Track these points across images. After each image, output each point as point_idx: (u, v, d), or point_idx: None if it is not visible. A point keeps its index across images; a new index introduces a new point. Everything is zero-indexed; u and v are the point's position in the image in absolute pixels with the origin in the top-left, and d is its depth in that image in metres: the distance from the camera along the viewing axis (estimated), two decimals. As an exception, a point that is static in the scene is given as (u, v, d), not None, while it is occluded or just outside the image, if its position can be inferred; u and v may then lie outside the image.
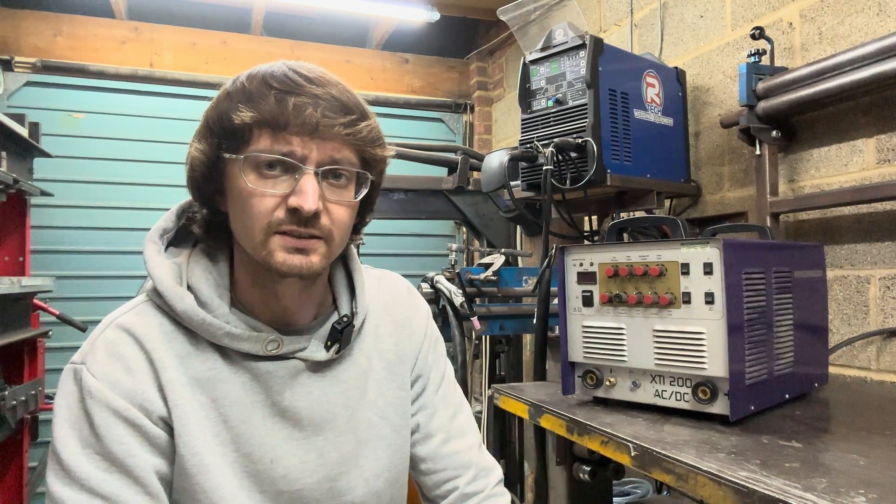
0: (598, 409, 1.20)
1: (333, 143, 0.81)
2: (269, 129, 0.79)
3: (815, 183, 1.82)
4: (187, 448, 0.80)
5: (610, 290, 1.19)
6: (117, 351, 0.80)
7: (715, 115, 2.18)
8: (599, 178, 1.75)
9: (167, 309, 0.84)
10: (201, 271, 0.87)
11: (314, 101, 0.79)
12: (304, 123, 0.78)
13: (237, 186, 0.82)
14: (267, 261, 0.81)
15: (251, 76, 0.82)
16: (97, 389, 0.77)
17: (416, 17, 3.56)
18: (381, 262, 3.90)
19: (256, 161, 0.80)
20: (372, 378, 0.95)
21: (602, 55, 1.80)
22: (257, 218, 0.80)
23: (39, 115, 3.22)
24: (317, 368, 0.89)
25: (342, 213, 0.85)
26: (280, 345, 0.85)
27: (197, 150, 0.84)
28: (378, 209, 0.98)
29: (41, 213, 3.33)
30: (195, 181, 0.86)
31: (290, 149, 0.79)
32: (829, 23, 1.80)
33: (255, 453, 0.84)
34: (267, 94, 0.78)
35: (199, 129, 0.84)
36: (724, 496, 0.80)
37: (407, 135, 3.90)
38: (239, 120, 0.78)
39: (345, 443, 0.90)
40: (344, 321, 0.90)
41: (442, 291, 1.99)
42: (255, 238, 0.81)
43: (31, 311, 2.85)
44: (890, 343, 1.62)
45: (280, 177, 0.80)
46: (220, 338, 0.82)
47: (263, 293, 0.88)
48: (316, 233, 0.82)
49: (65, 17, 3.52)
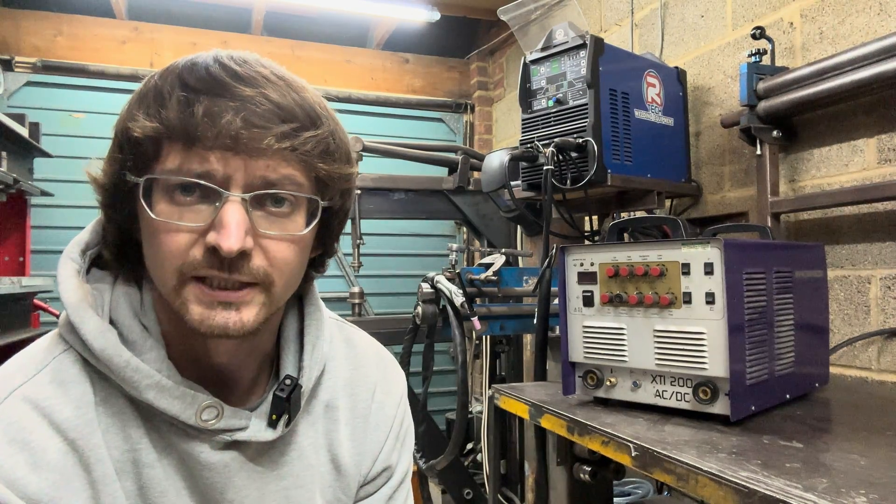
0: (599, 409, 1.20)
1: (267, 161, 0.62)
2: (181, 143, 0.60)
3: (816, 183, 1.82)
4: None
5: (610, 290, 1.18)
6: (22, 437, 0.59)
7: (715, 114, 2.18)
8: (600, 178, 1.75)
9: (81, 350, 0.64)
10: (129, 304, 0.68)
11: (239, 105, 0.60)
12: (219, 135, 0.59)
13: (144, 217, 0.63)
14: (182, 315, 0.63)
15: (166, 71, 0.63)
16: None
17: (417, 16, 3.56)
18: (381, 262, 3.94)
19: (165, 185, 0.61)
20: (316, 474, 0.77)
21: (603, 55, 1.80)
22: (168, 259, 0.61)
23: (39, 115, 3.22)
24: (257, 456, 0.70)
25: (285, 252, 0.65)
26: (220, 415, 0.66)
27: (101, 169, 0.66)
28: (378, 209, 0.92)
29: (41, 213, 3.33)
30: (104, 205, 0.68)
31: (206, 168, 0.60)
32: (829, 22, 1.79)
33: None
34: (171, 97, 0.60)
35: (112, 139, 0.66)
36: (725, 496, 0.80)
37: (407, 135, 3.91)
38: (139, 131, 0.60)
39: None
40: (287, 385, 0.71)
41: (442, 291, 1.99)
42: (168, 283, 0.63)
43: (31, 311, 2.85)
44: (891, 343, 1.61)
45: (196, 205, 0.61)
46: (143, 391, 0.63)
47: (190, 344, 0.68)
48: (245, 279, 0.62)
49: (65, 17, 3.52)
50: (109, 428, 0.64)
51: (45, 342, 0.68)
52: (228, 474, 0.68)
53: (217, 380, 0.70)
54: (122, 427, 0.65)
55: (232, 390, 0.72)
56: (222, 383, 0.71)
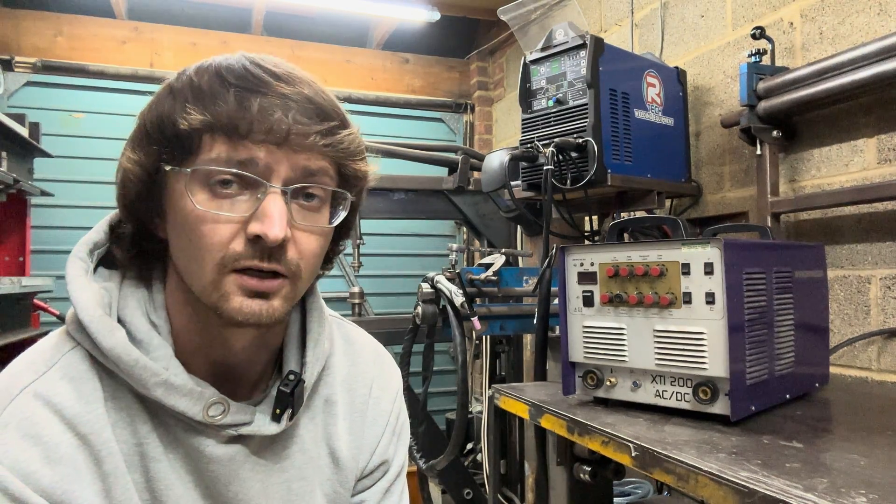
0: (599, 409, 1.20)
1: (306, 155, 0.65)
2: (225, 136, 0.63)
3: (816, 183, 1.82)
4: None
5: (610, 290, 1.18)
6: (35, 432, 0.61)
7: (716, 114, 2.18)
8: (600, 178, 1.75)
9: (90, 348, 0.65)
10: (137, 302, 0.69)
11: (284, 102, 0.63)
12: (271, 130, 0.62)
13: (182, 208, 0.65)
14: (219, 306, 0.65)
15: (201, 69, 0.65)
16: (5, 480, 0.59)
17: (417, 16, 3.56)
18: (381, 262, 3.94)
19: (208, 176, 0.63)
20: (316, 467, 0.79)
21: (603, 55, 1.80)
22: (209, 251, 0.63)
23: (39, 115, 3.22)
24: (260, 449, 0.73)
25: (313, 244, 0.68)
26: (226, 411, 0.68)
27: (130, 160, 0.67)
28: (378, 209, 0.93)
29: (41, 213, 3.33)
30: (127, 199, 0.69)
31: (252, 160, 0.63)
32: (829, 22, 1.79)
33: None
34: (224, 93, 0.63)
35: (134, 134, 0.68)
36: (725, 496, 0.80)
37: (407, 135, 3.90)
38: (186, 124, 0.62)
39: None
40: (290, 380, 0.73)
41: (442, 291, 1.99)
42: (206, 277, 0.64)
43: (31, 311, 2.85)
44: (891, 343, 1.61)
45: (237, 196, 0.64)
46: (152, 388, 0.64)
47: (206, 338, 0.70)
48: (280, 269, 0.65)
49: (65, 17, 3.52)
50: (118, 423, 0.66)
51: (52, 339, 0.69)
52: (233, 467, 0.70)
53: (225, 376, 0.72)
54: (130, 422, 0.66)
55: (238, 385, 0.74)
56: (230, 379, 0.73)
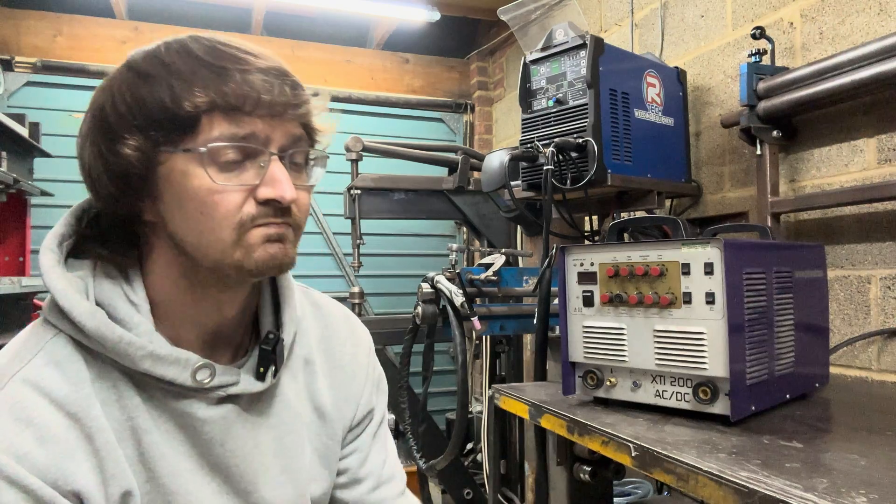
0: (599, 409, 1.20)
1: (292, 121, 0.72)
2: (222, 114, 0.67)
3: (816, 183, 1.82)
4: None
5: (610, 290, 1.18)
6: (26, 415, 0.63)
7: (716, 114, 2.18)
8: (600, 178, 1.75)
9: (72, 332, 0.68)
10: (112, 286, 0.72)
11: (270, 77, 0.68)
12: (272, 103, 0.68)
13: (190, 187, 0.68)
14: (244, 260, 0.69)
15: (178, 52, 0.68)
16: (0, 463, 0.61)
17: (417, 16, 3.56)
18: (381, 262, 3.94)
19: (217, 153, 0.67)
20: (302, 423, 0.84)
21: (603, 55, 1.80)
22: (226, 217, 0.68)
23: (39, 115, 3.22)
24: (249, 407, 0.77)
25: (306, 200, 0.75)
26: (213, 374, 0.72)
27: (131, 147, 0.67)
28: (378, 209, 0.95)
29: (41, 213, 3.33)
30: (110, 187, 0.70)
31: (253, 134, 0.68)
32: (829, 22, 1.79)
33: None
34: (225, 72, 0.66)
35: (115, 123, 0.68)
36: (725, 496, 0.80)
37: (407, 135, 3.90)
38: (191, 106, 0.65)
39: (279, 496, 0.80)
40: (270, 339, 0.78)
41: (442, 291, 1.99)
42: (226, 240, 0.69)
43: (31, 311, 2.85)
44: (891, 343, 1.61)
45: (241, 166, 0.69)
46: (139, 361, 0.67)
47: (200, 307, 0.75)
48: (291, 224, 0.73)
49: (65, 17, 3.52)
50: (106, 401, 0.68)
51: (31, 330, 0.72)
52: (227, 425, 0.74)
53: (211, 344, 0.77)
54: (118, 399, 0.69)
55: (223, 353, 0.79)
56: (215, 347, 0.78)
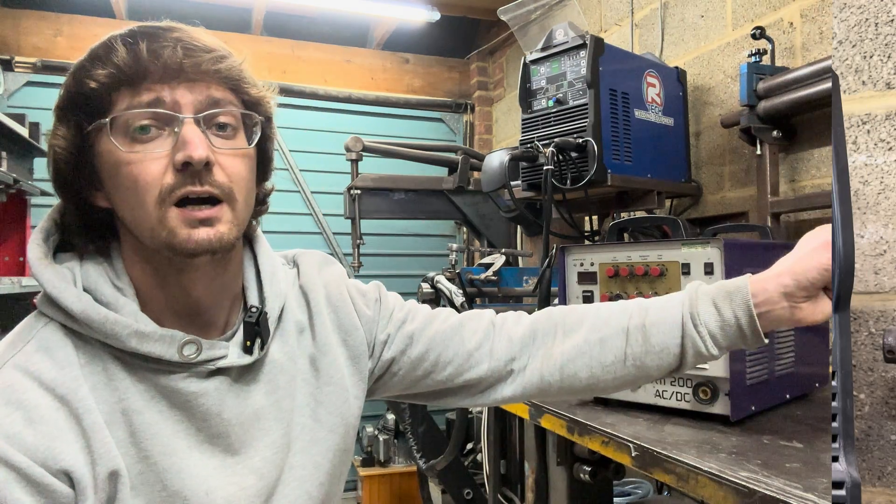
0: (599, 409, 1.20)
1: (205, 84, 0.72)
2: (128, 87, 0.69)
3: (816, 183, 1.82)
4: (114, 499, 0.68)
5: (611, 290, 1.18)
6: (16, 398, 0.66)
7: (716, 114, 2.18)
8: (600, 178, 1.75)
9: (62, 319, 0.71)
10: (98, 273, 0.74)
11: (173, 42, 0.70)
12: (165, 67, 0.69)
13: (112, 162, 0.70)
14: (170, 241, 0.70)
15: (106, 40, 0.72)
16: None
17: (417, 16, 3.56)
18: (381, 262, 3.94)
19: (126, 124, 0.69)
20: (299, 378, 0.85)
21: (603, 55, 1.80)
22: (146, 189, 0.69)
23: (39, 115, 3.21)
24: (239, 378, 0.78)
25: (238, 166, 0.74)
26: (199, 348, 0.73)
27: (57, 136, 0.72)
28: (378, 209, 0.94)
29: (41, 213, 3.31)
30: (62, 177, 0.74)
31: (158, 99, 0.69)
32: (829, 22, 1.79)
33: (188, 487, 0.72)
34: (116, 47, 0.69)
35: (55, 116, 0.74)
36: (725, 496, 0.80)
37: (407, 135, 3.90)
38: (94, 83, 0.69)
39: (282, 458, 0.81)
40: (253, 312, 0.79)
41: (442, 291, 1.99)
42: (151, 216, 0.69)
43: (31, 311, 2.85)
44: (891, 343, 1.61)
45: (156, 137, 0.70)
46: (125, 340, 0.69)
47: (168, 291, 0.75)
48: (215, 191, 0.71)
49: (65, 17, 3.52)
50: (96, 385, 0.70)
51: (25, 322, 0.75)
52: (221, 396, 0.75)
53: (195, 324, 0.77)
54: (108, 381, 0.71)
55: (209, 331, 0.79)
56: (200, 326, 0.78)
